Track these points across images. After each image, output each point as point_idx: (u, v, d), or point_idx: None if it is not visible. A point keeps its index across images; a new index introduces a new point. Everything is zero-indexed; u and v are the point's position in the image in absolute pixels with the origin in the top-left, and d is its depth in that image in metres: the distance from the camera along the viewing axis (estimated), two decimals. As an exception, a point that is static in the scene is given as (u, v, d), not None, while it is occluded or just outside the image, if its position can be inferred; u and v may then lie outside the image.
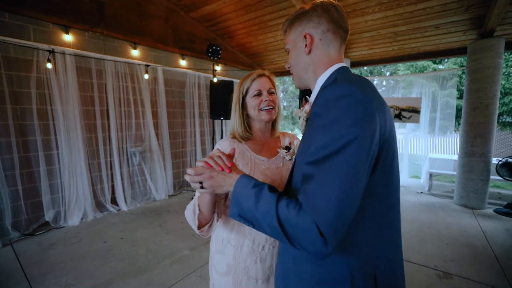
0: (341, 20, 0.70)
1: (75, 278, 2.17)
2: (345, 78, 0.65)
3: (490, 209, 3.86)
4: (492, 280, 2.15)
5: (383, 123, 0.59)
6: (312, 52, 0.71)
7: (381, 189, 0.62)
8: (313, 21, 0.70)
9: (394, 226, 0.67)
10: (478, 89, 3.78)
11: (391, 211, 0.66)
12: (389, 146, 0.62)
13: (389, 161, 0.63)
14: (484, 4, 3.31)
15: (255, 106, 0.96)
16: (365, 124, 0.54)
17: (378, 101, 0.61)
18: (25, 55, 2.90)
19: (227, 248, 0.93)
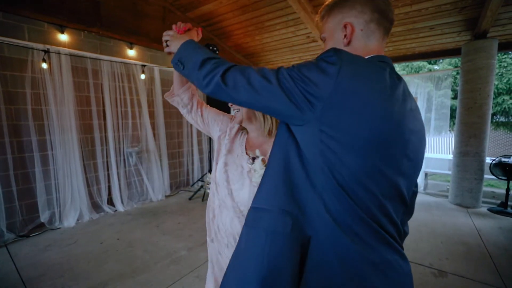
0: (387, 10, 0.64)
1: (71, 280, 2.16)
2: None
3: (484, 208, 3.91)
4: (486, 277, 2.19)
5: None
6: (351, 44, 0.65)
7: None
8: (355, 9, 0.64)
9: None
10: (472, 89, 3.84)
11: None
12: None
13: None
14: (478, 6, 3.36)
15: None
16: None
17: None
18: (19, 54, 2.87)
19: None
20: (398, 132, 0.58)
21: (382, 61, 0.62)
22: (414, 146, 0.62)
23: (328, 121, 0.54)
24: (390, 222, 0.61)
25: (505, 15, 3.46)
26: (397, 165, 0.59)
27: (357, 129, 0.54)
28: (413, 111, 0.63)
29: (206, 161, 5.24)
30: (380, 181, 0.57)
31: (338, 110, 0.53)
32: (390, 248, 0.59)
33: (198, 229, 3.11)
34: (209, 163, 5.14)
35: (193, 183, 4.96)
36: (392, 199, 0.60)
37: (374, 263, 0.57)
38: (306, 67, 0.57)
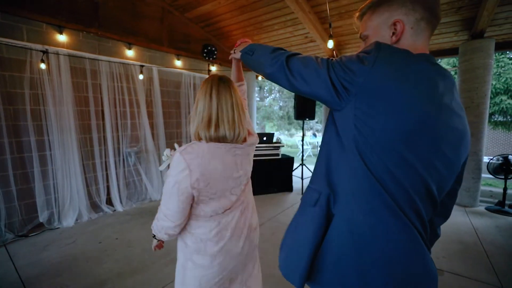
0: (436, 7, 0.64)
1: (69, 279, 2.17)
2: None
3: (482, 207, 3.93)
4: (482, 275, 2.20)
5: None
6: (399, 42, 0.64)
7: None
8: (406, 6, 0.62)
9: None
10: (469, 89, 3.86)
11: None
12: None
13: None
14: (474, 6, 3.38)
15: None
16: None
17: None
18: (18, 55, 2.88)
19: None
20: (429, 126, 0.58)
21: (427, 60, 0.62)
22: (451, 144, 0.62)
23: (361, 106, 0.57)
24: (418, 217, 0.62)
25: (502, 15, 3.47)
26: (427, 160, 0.59)
27: (386, 117, 0.56)
28: (453, 108, 0.62)
29: (205, 161, 5.24)
30: (408, 173, 0.58)
31: (371, 97, 0.57)
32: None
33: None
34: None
35: (192, 183, 4.96)
36: (421, 194, 0.61)
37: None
38: (349, 57, 0.61)
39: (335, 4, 3.78)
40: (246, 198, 1.07)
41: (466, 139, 0.66)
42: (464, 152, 0.66)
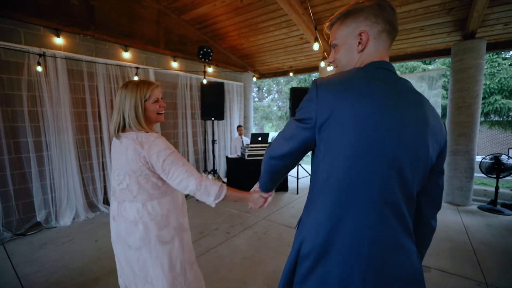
0: (395, 21, 0.71)
1: (65, 276, 2.23)
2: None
3: (474, 206, 3.97)
4: (468, 272, 2.25)
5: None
6: (365, 50, 0.71)
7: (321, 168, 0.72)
8: (370, 19, 0.69)
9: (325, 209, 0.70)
10: (461, 89, 3.90)
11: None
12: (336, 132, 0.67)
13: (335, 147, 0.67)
14: (465, 7, 3.42)
15: (154, 110, 1.22)
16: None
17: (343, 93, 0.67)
18: (16, 58, 2.95)
19: (170, 218, 1.23)
20: (380, 125, 0.64)
21: (382, 67, 0.71)
22: (410, 135, 0.67)
23: (323, 134, 0.68)
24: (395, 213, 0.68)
25: (493, 16, 3.52)
26: (389, 159, 0.65)
27: (338, 130, 0.65)
28: (405, 105, 0.67)
29: (201, 161, 5.31)
30: (372, 176, 0.65)
31: (325, 119, 0.66)
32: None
33: (191, 228, 3.15)
34: (204, 163, 5.21)
35: (189, 183, 5.02)
36: (393, 192, 0.66)
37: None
38: (302, 103, 0.73)
39: (328, 6, 3.84)
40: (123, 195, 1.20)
41: (432, 129, 0.71)
42: (431, 142, 0.71)
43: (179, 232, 1.25)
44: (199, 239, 2.86)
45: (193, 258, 1.35)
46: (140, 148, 1.12)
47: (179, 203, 1.30)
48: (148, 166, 1.14)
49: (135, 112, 1.16)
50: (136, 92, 1.17)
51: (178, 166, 1.13)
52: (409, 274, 0.68)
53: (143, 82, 1.21)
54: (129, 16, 3.95)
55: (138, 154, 1.12)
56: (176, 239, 1.23)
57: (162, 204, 1.21)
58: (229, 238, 2.90)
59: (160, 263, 1.19)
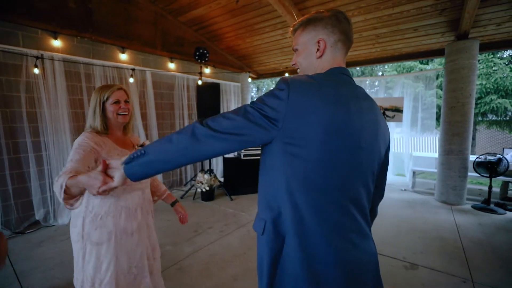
0: (351, 33, 0.79)
1: (61, 272, 2.29)
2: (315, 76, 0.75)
3: (468, 205, 4.00)
4: (455, 269, 2.28)
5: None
6: (323, 57, 0.77)
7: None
8: (327, 29, 0.75)
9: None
10: (455, 89, 3.93)
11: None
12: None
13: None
14: (457, 7, 3.45)
15: (113, 111, 1.26)
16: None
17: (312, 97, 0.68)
18: (14, 60, 3.02)
19: (107, 220, 1.20)
20: (346, 128, 0.69)
21: (341, 72, 0.76)
22: (367, 138, 0.73)
23: (289, 133, 0.67)
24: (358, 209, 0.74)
25: (485, 16, 3.54)
26: (353, 160, 0.71)
27: (311, 134, 0.67)
28: (363, 110, 0.73)
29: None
30: (341, 173, 0.70)
31: (294, 123, 0.66)
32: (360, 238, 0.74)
33: (186, 226, 3.23)
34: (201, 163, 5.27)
35: (186, 183, 5.09)
36: (357, 191, 0.72)
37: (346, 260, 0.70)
38: (266, 97, 0.70)
39: (322, 7, 3.88)
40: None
41: (382, 130, 0.79)
42: (382, 142, 0.79)
43: (113, 238, 1.20)
44: (193, 237, 2.92)
45: (109, 277, 1.19)
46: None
47: (125, 207, 1.24)
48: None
49: (93, 112, 1.25)
50: (98, 94, 1.26)
51: (68, 162, 1.10)
52: (371, 259, 0.76)
53: (106, 85, 1.29)
54: (126, 18, 4.02)
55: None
56: (106, 244, 1.19)
57: (102, 204, 1.21)
58: (222, 236, 2.95)
59: (83, 260, 1.20)
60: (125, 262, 1.25)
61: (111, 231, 1.21)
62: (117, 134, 1.33)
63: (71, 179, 0.89)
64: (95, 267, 1.18)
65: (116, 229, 1.22)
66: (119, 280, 1.22)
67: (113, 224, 1.21)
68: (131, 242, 1.26)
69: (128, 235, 1.26)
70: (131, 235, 1.27)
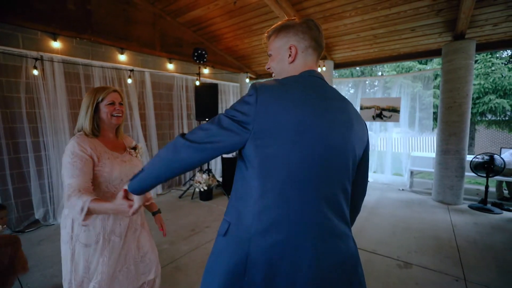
0: (321, 40, 0.83)
1: (59, 270, 2.28)
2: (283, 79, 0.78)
3: (465, 205, 4.01)
4: (448, 268, 2.31)
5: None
6: (295, 62, 0.82)
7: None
8: (298, 35, 0.80)
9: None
10: (452, 89, 3.94)
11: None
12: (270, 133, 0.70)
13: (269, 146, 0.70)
14: (453, 8, 3.46)
15: (108, 112, 1.26)
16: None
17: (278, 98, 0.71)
18: (14, 61, 3.06)
19: (95, 222, 1.22)
20: (315, 129, 0.71)
21: (311, 75, 0.80)
22: (338, 138, 0.75)
23: (260, 135, 0.70)
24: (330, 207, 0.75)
25: (481, 16, 3.56)
26: (323, 160, 0.73)
27: (281, 134, 0.69)
28: (333, 110, 0.75)
29: (198, 161, 5.39)
30: (313, 172, 0.71)
31: (264, 125, 0.69)
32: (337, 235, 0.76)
33: (184, 225, 3.27)
34: (200, 163, 5.30)
35: (185, 182, 5.12)
36: (329, 189, 0.73)
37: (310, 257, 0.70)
38: (237, 103, 0.74)
39: (319, 8, 3.90)
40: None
41: (357, 130, 0.79)
42: (357, 141, 0.79)
43: (101, 240, 1.21)
44: (190, 236, 2.95)
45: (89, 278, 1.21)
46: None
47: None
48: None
49: (86, 113, 1.23)
50: (93, 95, 1.25)
51: (67, 177, 1.10)
52: (345, 260, 0.76)
53: (101, 87, 1.29)
54: (125, 19, 4.05)
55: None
56: (94, 246, 1.21)
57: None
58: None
59: (71, 261, 1.22)
60: (113, 264, 1.25)
61: (99, 233, 1.22)
62: (108, 136, 1.33)
63: (94, 202, 0.99)
64: (83, 267, 1.21)
65: (104, 231, 1.24)
66: (107, 281, 1.23)
67: (101, 226, 1.23)
68: (118, 244, 1.28)
69: (115, 237, 1.27)
70: (118, 237, 1.28)
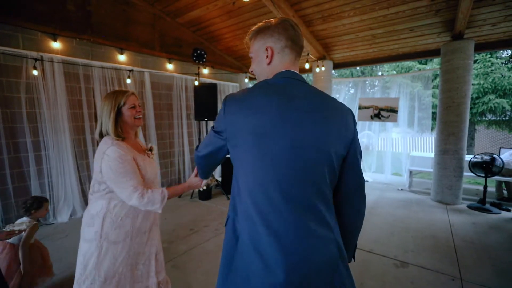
0: (297, 39, 0.83)
1: (58, 269, 2.35)
2: (256, 84, 0.85)
3: (464, 205, 4.01)
4: (445, 267, 2.31)
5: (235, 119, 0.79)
6: (272, 63, 0.84)
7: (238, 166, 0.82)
8: (274, 36, 0.82)
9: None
10: (450, 89, 3.94)
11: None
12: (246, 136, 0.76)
13: (246, 148, 0.76)
14: (451, 8, 3.47)
15: (131, 115, 1.33)
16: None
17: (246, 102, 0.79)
18: (14, 62, 3.08)
19: (126, 221, 1.29)
20: (276, 129, 0.73)
21: (284, 76, 0.82)
22: (308, 137, 0.75)
23: (231, 142, 0.80)
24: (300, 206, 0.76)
25: (480, 16, 3.56)
26: (289, 163, 0.74)
27: (243, 138, 0.77)
28: (304, 110, 0.76)
29: (197, 160, 5.41)
30: (275, 172, 0.74)
31: (231, 132, 0.79)
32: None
33: (182, 225, 3.29)
34: (200, 163, 5.32)
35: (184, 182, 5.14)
36: (300, 187, 0.75)
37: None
38: (217, 116, 0.87)
39: (317, 8, 3.91)
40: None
41: (335, 128, 0.78)
42: (336, 140, 0.78)
43: (129, 237, 1.30)
44: (189, 235, 2.97)
45: (115, 272, 1.29)
46: (99, 154, 1.25)
47: (140, 209, 1.33)
48: (100, 168, 1.25)
49: (108, 117, 1.28)
50: (113, 99, 1.30)
51: (124, 180, 1.20)
52: (324, 259, 0.75)
53: (119, 91, 1.34)
54: (124, 20, 4.08)
55: (97, 159, 1.25)
56: (122, 243, 1.29)
57: (123, 206, 1.29)
58: (217, 234, 3.00)
59: (97, 257, 1.27)
60: (135, 259, 1.34)
61: (128, 231, 1.30)
62: (131, 138, 1.40)
63: (169, 190, 1.30)
64: (109, 264, 1.27)
65: (133, 229, 1.32)
66: (129, 276, 1.33)
67: (131, 225, 1.31)
68: (143, 240, 1.37)
69: (141, 234, 1.36)
70: (143, 234, 1.37)
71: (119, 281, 1.30)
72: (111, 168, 1.20)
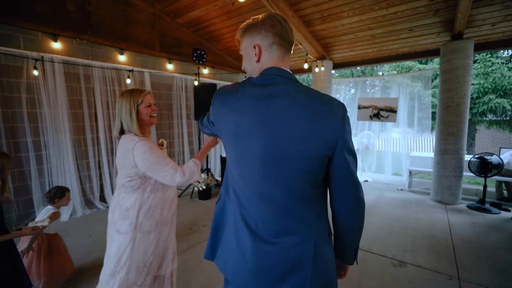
0: (285, 34, 0.81)
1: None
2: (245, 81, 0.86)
3: (463, 205, 4.01)
4: (443, 267, 2.32)
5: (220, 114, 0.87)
6: (260, 60, 0.83)
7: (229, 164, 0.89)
8: (261, 34, 0.80)
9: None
10: (450, 88, 3.94)
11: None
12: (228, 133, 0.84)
13: (229, 147, 0.85)
14: (450, 8, 3.47)
15: (147, 113, 1.40)
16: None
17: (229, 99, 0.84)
18: (15, 62, 3.11)
19: (156, 211, 1.41)
20: (251, 128, 0.76)
21: (268, 73, 0.81)
22: (284, 136, 0.73)
23: (219, 133, 0.90)
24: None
25: (479, 16, 3.56)
26: (260, 155, 0.76)
27: (225, 134, 0.85)
28: (278, 107, 0.74)
29: (197, 160, 5.43)
30: (248, 162, 0.80)
31: (218, 125, 0.88)
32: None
33: (182, 224, 3.30)
34: (199, 162, 5.34)
35: (184, 182, 5.16)
36: (276, 185, 0.76)
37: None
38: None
39: (317, 8, 3.92)
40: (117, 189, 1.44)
41: (314, 127, 0.73)
42: (315, 139, 0.74)
43: (158, 227, 1.42)
44: (188, 235, 2.98)
45: (151, 263, 1.41)
46: (127, 151, 1.31)
47: (168, 200, 1.47)
48: (134, 164, 1.32)
49: (129, 115, 1.36)
50: (130, 98, 1.37)
51: (162, 165, 1.31)
52: (296, 254, 0.76)
53: (136, 90, 1.41)
54: (124, 20, 4.09)
55: (125, 156, 1.32)
56: (153, 233, 1.41)
57: (154, 197, 1.40)
58: (216, 234, 3.01)
59: (132, 249, 1.35)
60: (161, 248, 1.46)
61: (157, 221, 1.41)
62: (147, 136, 1.46)
63: (197, 158, 1.44)
64: (143, 253, 1.37)
65: (161, 219, 1.43)
66: (156, 264, 1.45)
67: (159, 215, 1.42)
68: (167, 230, 1.49)
69: (166, 224, 1.47)
70: (168, 224, 1.49)
71: (149, 270, 1.40)
72: (147, 159, 1.29)
